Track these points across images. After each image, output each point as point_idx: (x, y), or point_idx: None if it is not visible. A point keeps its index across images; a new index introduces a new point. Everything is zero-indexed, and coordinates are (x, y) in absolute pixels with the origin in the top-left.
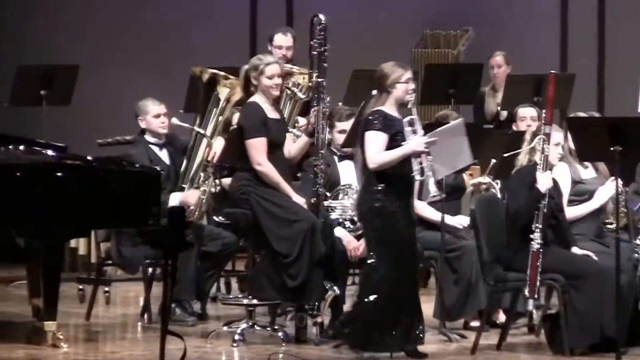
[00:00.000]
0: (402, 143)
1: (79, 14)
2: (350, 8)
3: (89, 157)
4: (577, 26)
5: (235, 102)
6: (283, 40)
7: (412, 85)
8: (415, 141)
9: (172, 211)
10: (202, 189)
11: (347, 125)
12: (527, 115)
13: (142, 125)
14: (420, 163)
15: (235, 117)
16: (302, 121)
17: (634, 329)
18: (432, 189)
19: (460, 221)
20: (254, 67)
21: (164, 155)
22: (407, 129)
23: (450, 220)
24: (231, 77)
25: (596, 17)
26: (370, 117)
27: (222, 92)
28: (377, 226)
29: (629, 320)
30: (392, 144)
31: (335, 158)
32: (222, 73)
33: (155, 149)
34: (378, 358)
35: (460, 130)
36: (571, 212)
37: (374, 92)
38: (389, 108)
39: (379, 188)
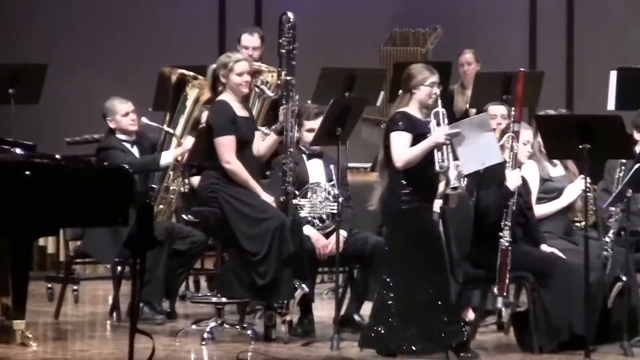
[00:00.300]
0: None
1: (49, 13)
2: (319, 6)
3: (57, 156)
4: (546, 24)
5: (204, 101)
6: (249, 40)
7: (436, 90)
8: (437, 132)
9: (139, 210)
10: (171, 188)
11: (315, 123)
12: (497, 113)
13: (112, 125)
14: (442, 154)
15: (204, 116)
16: None
17: (602, 327)
18: (453, 179)
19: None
20: (223, 65)
21: (135, 152)
22: (433, 122)
23: None
24: (200, 77)
25: (565, 15)
26: (393, 118)
27: (191, 92)
28: (404, 228)
29: (597, 318)
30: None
31: (304, 156)
32: (191, 73)
33: (127, 145)
34: None
35: (486, 126)
36: (540, 210)
37: (400, 92)
38: (412, 109)
39: (405, 190)
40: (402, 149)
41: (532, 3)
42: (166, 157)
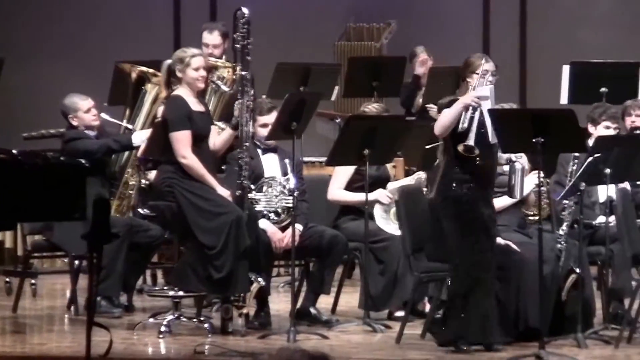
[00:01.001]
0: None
1: (2, 6)
2: (274, 1)
3: (14, 151)
4: (499, 18)
5: (163, 98)
6: (209, 38)
7: (489, 77)
8: (468, 94)
9: (95, 204)
10: (130, 183)
11: (268, 118)
12: None
13: (75, 122)
14: (466, 116)
15: (160, 111)
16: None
17: (556, 319)
18: (472, 139)
19: (379, 195)
20: (179, 60)
21: None
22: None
23: (372, 195)
24: (159, 74)
25: (518, 9)
26: (448, 103)
27: (151, 89)
28: (452, 215)
29: (552, 310)
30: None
31: (259, 151)
32: (150, 70)
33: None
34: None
35: None
36: (494, 204)
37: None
38: None
39: (456, 177)
40: None
41: None
42: (139, 136)
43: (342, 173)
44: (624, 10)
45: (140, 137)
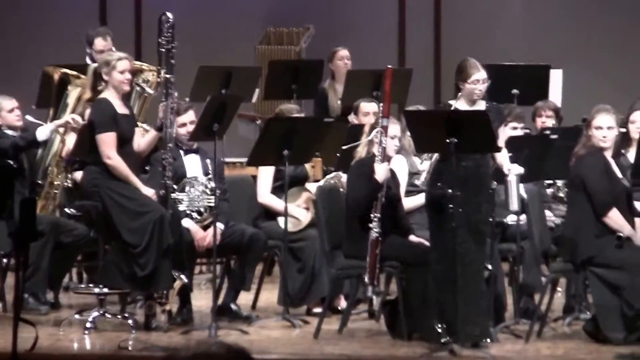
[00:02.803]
0: None
1: None
2: (196, 5)
3: None
4: (414, 21)
5: (87, 99)
6: (102, 44)
7: (480, 87)
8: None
9: (22, 203)
10: (55, 183)
11: (185, 118)
12: (369, 110)
13: None
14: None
15: (87, 113)
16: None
17: None
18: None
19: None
20: (105, 63)
21: None
22: None
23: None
24: (82, 76)
25: (432, 12)
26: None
27: (73, 91)
28: (429, 211)
29: None
30: None
31: (181, 152)
32: (73, 72)
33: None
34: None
35: None
36: (408, 203)
37: None
38: (460, 104)
39: (436, 176)
40: None
41: (401, 2)
42: (42, 132)
43: (266, 174)
44: (535, 14)
45: (44, 132)
